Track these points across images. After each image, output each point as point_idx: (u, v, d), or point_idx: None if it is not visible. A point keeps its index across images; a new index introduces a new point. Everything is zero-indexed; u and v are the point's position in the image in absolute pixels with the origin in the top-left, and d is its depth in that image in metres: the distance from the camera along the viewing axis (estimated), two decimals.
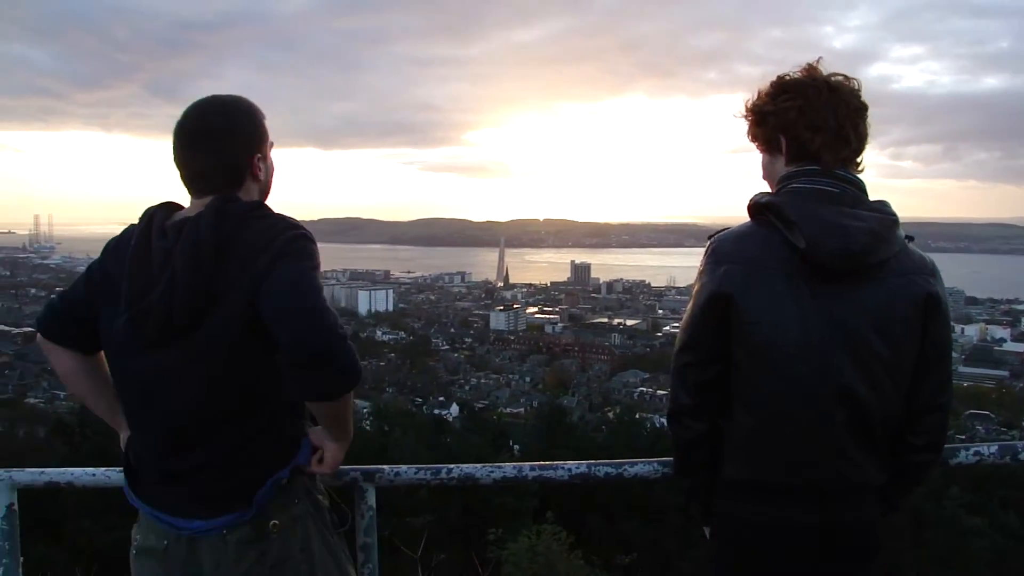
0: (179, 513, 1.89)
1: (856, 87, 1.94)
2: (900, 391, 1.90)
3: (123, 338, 1.85)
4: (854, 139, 1.93)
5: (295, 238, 1.81)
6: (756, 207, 1.92)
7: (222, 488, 1.87)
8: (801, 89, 1.92)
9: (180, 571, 1.91)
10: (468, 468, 2.42)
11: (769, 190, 2.03)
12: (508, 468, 2.47)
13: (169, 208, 1.94)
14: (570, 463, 2.44)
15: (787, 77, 1.96)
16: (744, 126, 2.07)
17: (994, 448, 2.46)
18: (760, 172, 2.08)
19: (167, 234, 1.84)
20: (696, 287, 1.93)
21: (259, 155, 1.94)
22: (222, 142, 1.90)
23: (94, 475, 2.55)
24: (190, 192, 1.94)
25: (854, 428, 1.87)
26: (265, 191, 2.00)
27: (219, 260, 1.78)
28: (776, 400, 1.86)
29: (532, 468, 2.45)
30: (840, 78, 1.93)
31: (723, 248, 1.91)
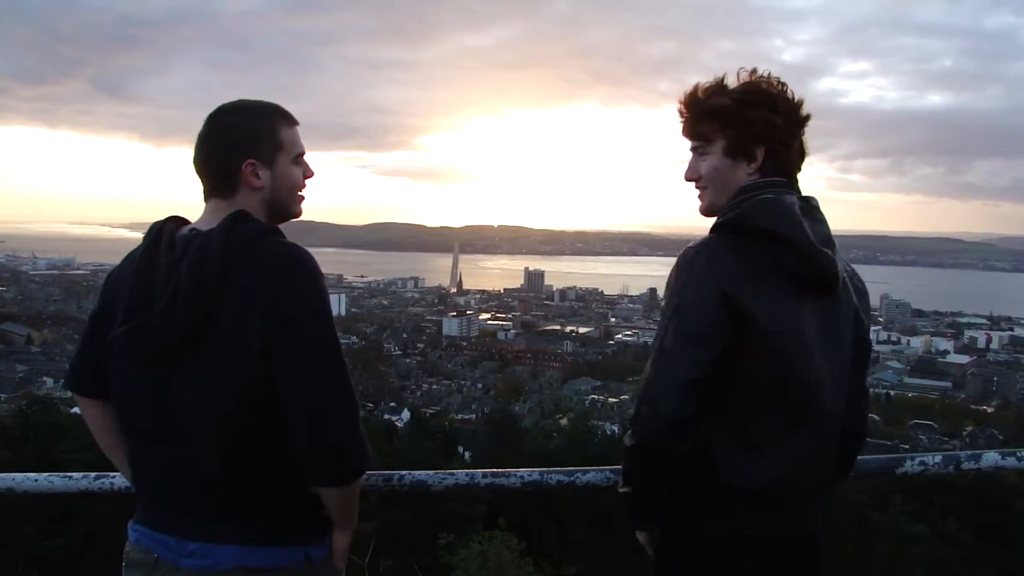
0: (174, 532, 1.80)
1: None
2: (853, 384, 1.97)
3: (119, 352, 1.78)
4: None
5: (315, 294, 1.75)
6: (740, 229, 1.82)
7: (230, 517, 1.79)
8: (779, 100, 1.89)
9: None
10: (420, 475, 2.39)
11: (696, 192, 2.00)
12: (460, 475, 2.43)
13: (177, 221, 1.89)
14: (522, 470, 2.41)
15: (761, 84, 1.90)
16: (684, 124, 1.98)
17: (938, 458, 2.50)
18: (697, 172, 1.97)
19: (175, 247, 1.79)
20: (685, 289, 1.77)
21: (251, 162, 1.85)
22: (212, 145, 1.87)
23: (36, 480, 2.45)
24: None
25: (841, 427, 1.91)
26: (273, 203, 1.91)
27: (226, 278, 1.72)
28: (788, 403, 1.81)
29: (484, 475, 2.42)
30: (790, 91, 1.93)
31: (707, 257, 1.80)
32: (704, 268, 1.77)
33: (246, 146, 1.85)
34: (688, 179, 2.00)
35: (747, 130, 1.88)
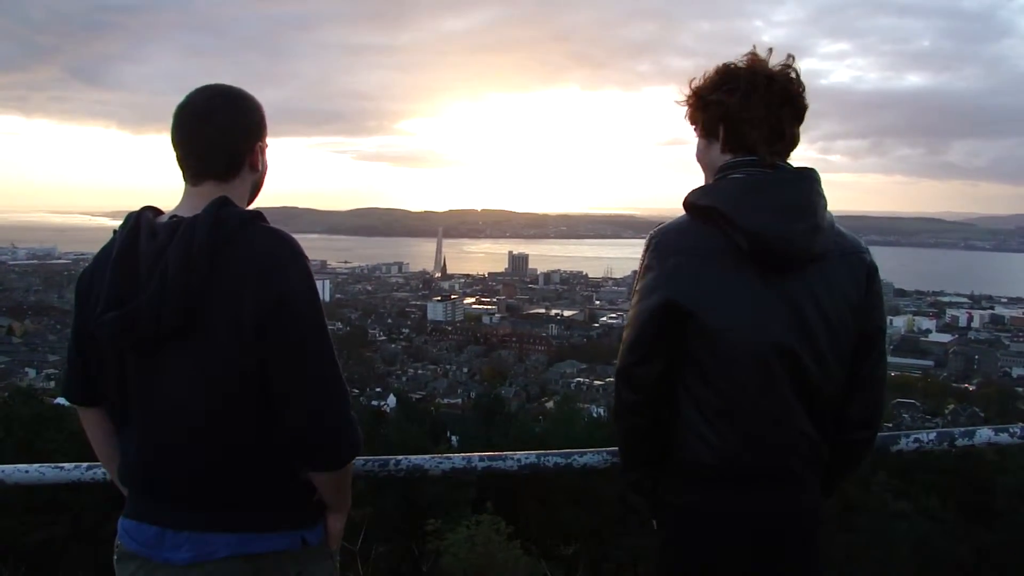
0: (166, 523, 1.77)
1: (794, 76, 1.94)
2: (843, 368, 1.94)
3: (107, 342, 1.74)
4: (788, 131, 1.95)
5: (304, 275, 1.74)
6: (694, 208, 1.92)
7: (223, 504, 1.77)
8: (741, 79, 1.92)
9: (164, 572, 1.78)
10: (416, 459, 2.38)
11: (702, 174, 2.07)
12: (457, 459, 2.42)
13: (154, 211, 1.85)
14: (519, 453, 2.40)
15: (732, 65, 1.96)
16: (682, 110, 2.08)
17: (932, 435, 2.51)
18: (694, 155, 2.09)
19: (157, 234, 1.74)
20: (641, 282, 1.92)
21: (260, 144, 1.88)
22: (227, 124, 1.83)
23: (27, 472, 2.39)
24: (186, 176, 1.85)
25: (804, 404, 1.90)
26: (259, 184, 1.95)
27: (215, 263, 1.69)
28: (735, 383, 1.85)
29: (481, 459, 2.40)
30: (780, 68, 1.93)
31: (668, 241, 1.92)
32: (657, 258, 1.90)
33: (261, 128, 1.89)
34: (698, 160, 2.11)
35: (707, 112, 2.00)
